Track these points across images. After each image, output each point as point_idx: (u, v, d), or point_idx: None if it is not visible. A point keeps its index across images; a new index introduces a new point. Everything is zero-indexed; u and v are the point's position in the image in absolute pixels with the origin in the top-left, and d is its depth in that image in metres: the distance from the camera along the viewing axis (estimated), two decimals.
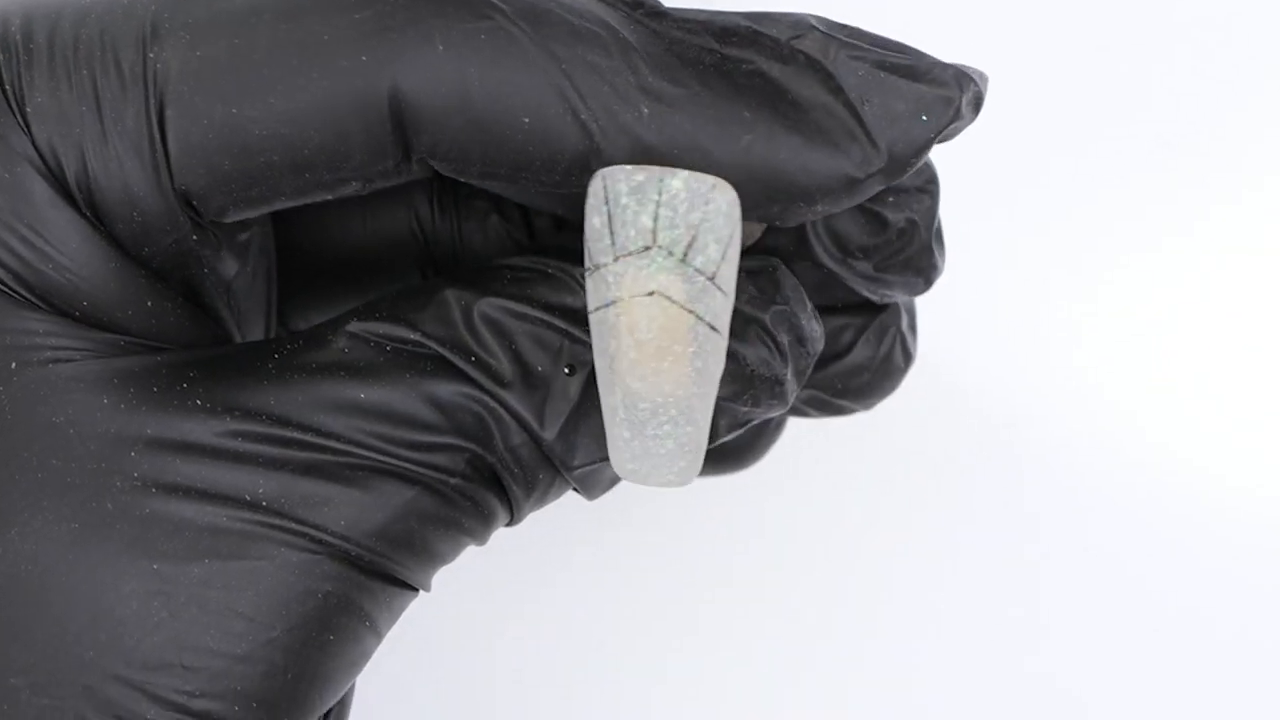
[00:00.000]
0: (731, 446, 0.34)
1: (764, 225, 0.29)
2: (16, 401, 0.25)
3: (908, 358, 0.32)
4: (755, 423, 0.28)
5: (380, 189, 0.26)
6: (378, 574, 0.26)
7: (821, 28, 0.26)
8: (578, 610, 0.43)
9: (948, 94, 0.26)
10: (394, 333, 0.26)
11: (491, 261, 0.28)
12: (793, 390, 0.27)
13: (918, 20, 0.36)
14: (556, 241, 0.27)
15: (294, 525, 0.25)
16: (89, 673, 0.25)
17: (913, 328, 0.32)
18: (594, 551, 0.42)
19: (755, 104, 0.25)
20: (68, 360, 0.25)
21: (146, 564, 0.25)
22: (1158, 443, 0.44)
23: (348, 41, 0.25)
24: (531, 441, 0.26)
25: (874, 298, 0.31)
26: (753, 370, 0.27)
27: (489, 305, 0.26)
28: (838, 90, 0.25)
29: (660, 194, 0.24)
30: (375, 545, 0.26)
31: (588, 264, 0.25)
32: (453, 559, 0.27)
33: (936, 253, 0.30)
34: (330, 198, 0.26)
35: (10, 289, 0.25)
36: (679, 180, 0.24)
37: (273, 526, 0.25)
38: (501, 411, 0.26)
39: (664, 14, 0.26)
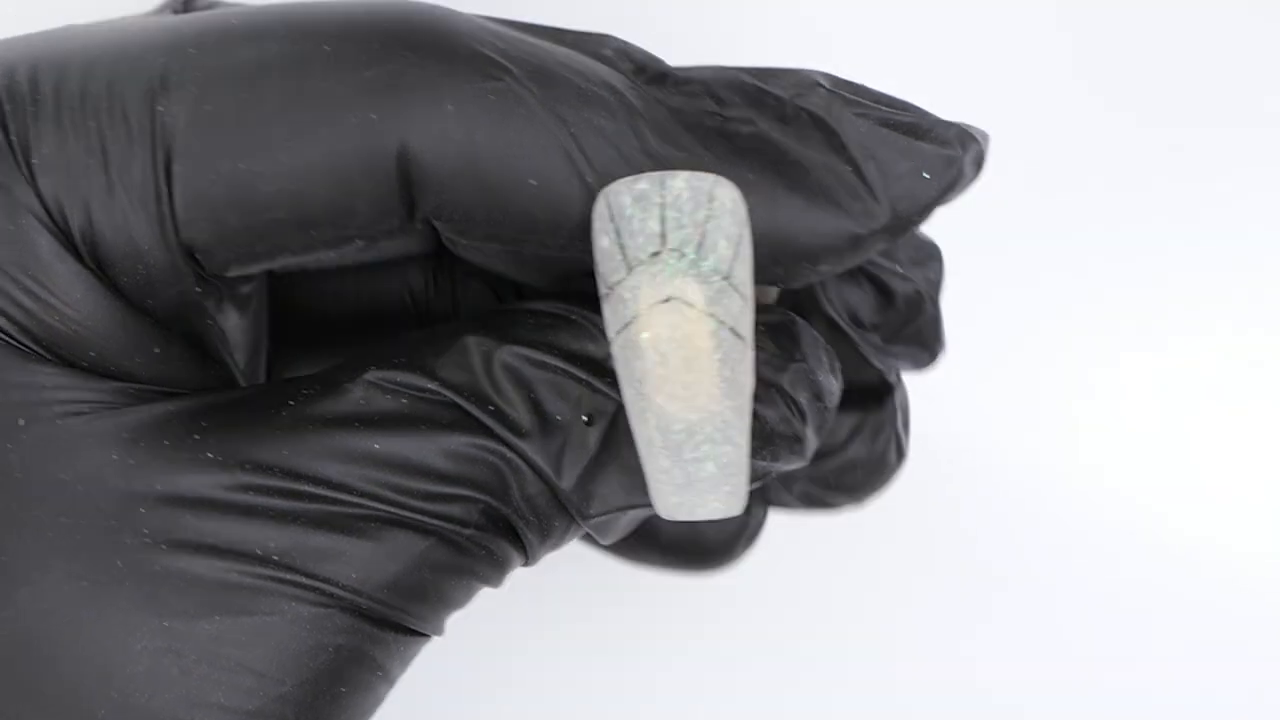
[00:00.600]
0: (707, 545, 0.34)
1: (776, 289, 0.29)
2: (26, 459, 0.25)
3: (900, 455, 0.32)
4: (751, 522, 0.28)
5: (379, 255, 0.26)
6: (390, 625, 0.26)
7: (826, 84, 0.26)
8: (577, 609, 0.43)
9: (950, 153, 0.26)
10: (412, 381, 0.26)
11: (515, 305, 0.28)
12: (811, 445, 0.27)
13: (918, 75, 0.36)
14: (578, 288, 0.27)
15: (304, 580, 0.25)
16: None
17: (906, 426, 0.32)
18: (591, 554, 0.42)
19: (758, 166, 0.25)
20: (77, 414, 0.25)
21: (157, 622, 0.25)
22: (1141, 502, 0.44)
23: (357, 99, 0.25)
24: (548, 490, 0.26)
25: (882, 368, 0.31)
26: (773, 429, 0.27)
27: (509, 354, 0.26)
28: (841, 148, 0.25)
29: (664, 196, 0.24)
30: (387, 597, 0.26)
31: (603, 290, 0.25)
32: (466, 604, 0.27)
33: (940, 328, 0.30)
34: (333, 255, 0.26)
35: (16, 341, 0.25)
36: (680, 180, 0.24)
37: (283, 581, 0.25)
38: (519, 461, 0.26)
39: (667, 77, 0.26)
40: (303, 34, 0.25)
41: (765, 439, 0.27)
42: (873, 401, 0.32)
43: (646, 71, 0.26)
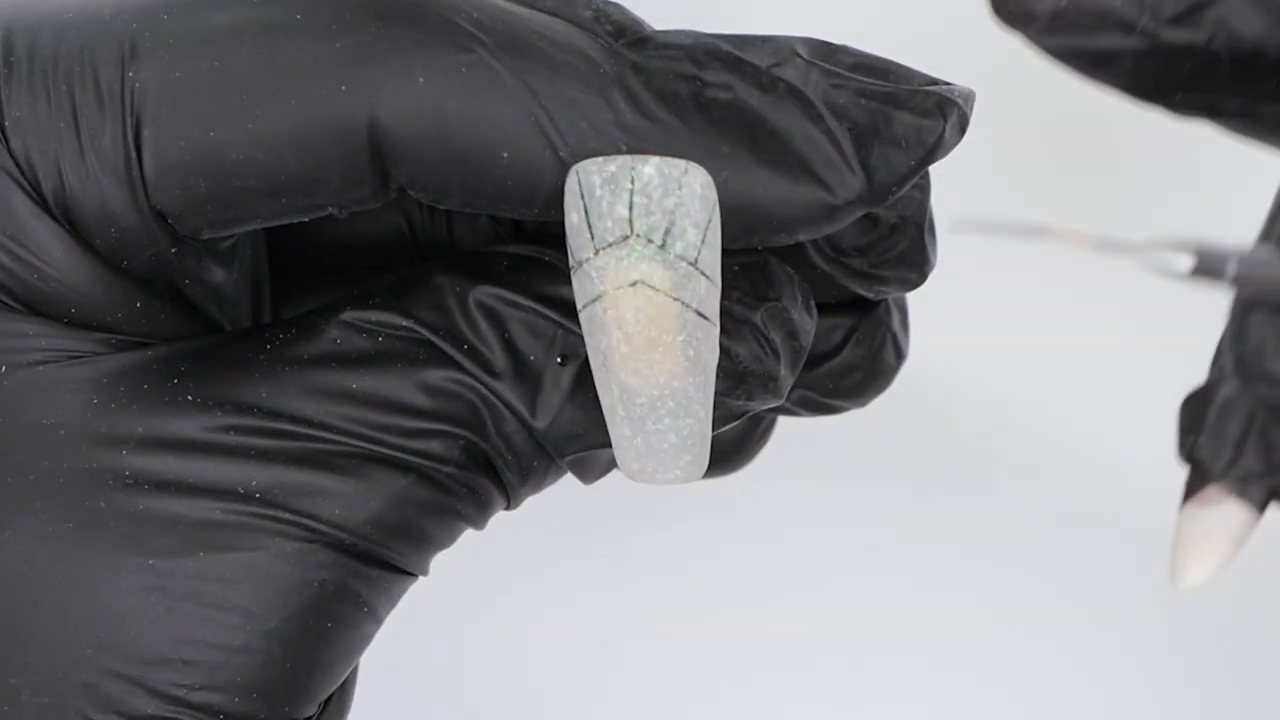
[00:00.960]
0: (720, 450, 0.34)
1: None
2: (6, 404, 0.25)
3: (899, 356, 0.32)
4: (749, 415, 0.28)
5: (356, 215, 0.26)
6: (374, 561, 0.26)
7: (804, 53, 0.26)
8: (576, 608, 0.43)
9: (930, 123, 0.26)
10: (386, 320, 0.26)
11: (489, 248, 0.28)
12: (786, 383, 0.27)
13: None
14: (556, 229, 0.27)
15: (288, 515, 0.25)
16: (88, 670, 0.25)
17: (904, 325, 0.32)
18: (591, 548, 0.42)
19: (733, 138, 0.25)
20: (57, 361, 0.26)
21: (141, 560, 0.25)
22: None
23: (328, 70, 0.25)
24: (524, 430, 0.27)
25: (869, 294, 0.31)
26: (745, 367, 0.27)
27: (484, 293, 0.26)
28: (817, 118, 0.25)
29: (633, 182, 0.24)
30: (370, 533, 0.26)
31: (571, 262, 0.25)
32: (450, 544, 0.27)
33: (929, 246, 0.30)
34: (306, 220, 0.26)
35: None
36: (651, 167, 0.24)
37: (266, 517, 0.25)
38: (494, 400, 0.26)
39: (646, 41, 0.26)
40: (275, 2, 0.25)
41: (738, 378, 0.27)
42: (867, 303, 0.31)
43: (626, 34, 0.26)
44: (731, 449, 0.34)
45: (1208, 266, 0.25)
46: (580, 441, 0.27)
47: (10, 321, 0.25)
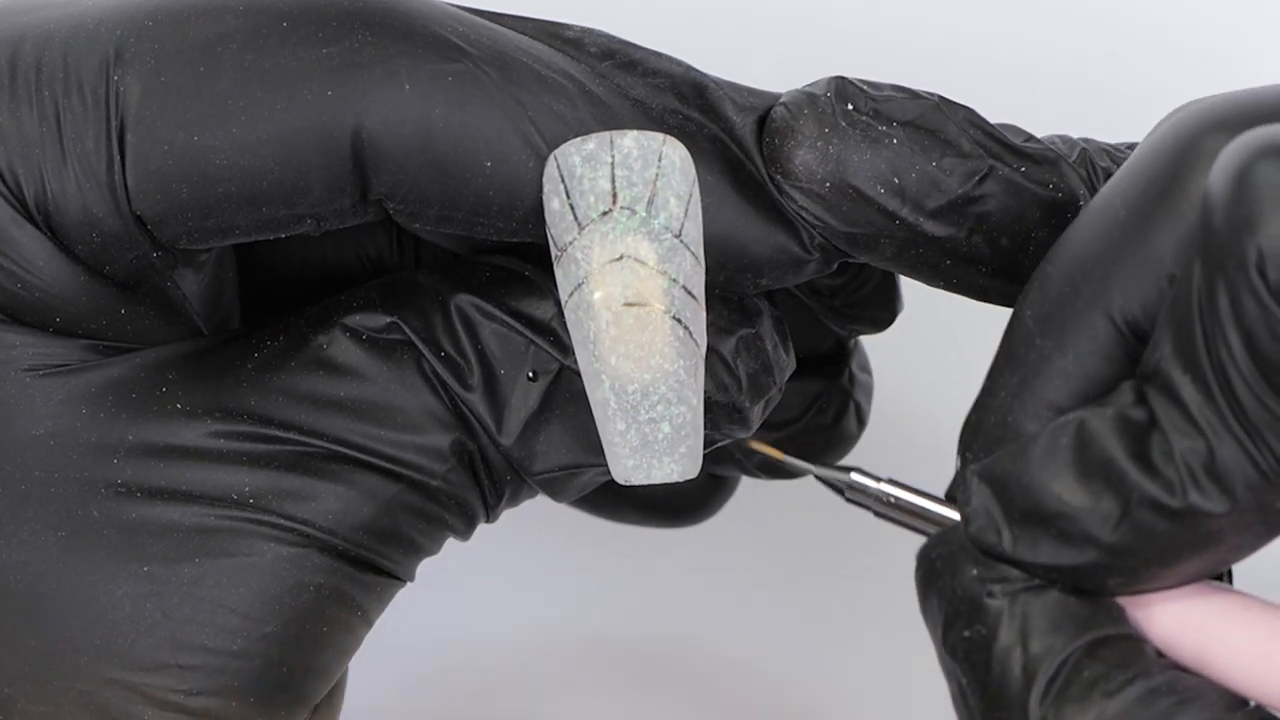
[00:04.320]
0: (685, 503, 0.35)
1: None
2: None
3: (861, 423, 0.33)
4: (715, 447, 0.28)
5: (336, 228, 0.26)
6: (367, 566, 0.26)
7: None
8: (576, 607, 0.43)
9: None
10: (369, 322, 0.26)
11: (472, 258, 0.28)
12: (756, 416, 0.27)
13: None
14: (539, 246, 0.28)
15: (281, 521, 0.25)
16: (85, 678, 0.25)
17: (867, 395, 0.33)
18: (590, 548, 0.42)
19: (715, 168, 0.25)
20: (45, 372, 0.25)
21: (137, 567, 0.25)
22: None
23: (314, 76, 0.25)
24: (493, 445, 0.27)
25: (842, 333, 0.31)
26: (709, 397, 0.27)
27: (463, 300, 0.26)
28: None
29: (613, 155, 0.24)
30: (362, 539, 0.26)
31: (554, 253, 0.25)
32: (436, 551, 0.27)
33: (898, 287, 0.30)
34: (284, 236, 0.26)
35: None
36: (629, 139, 0.24)
37: (260, 523, 0.25)
38: (467, 412, 0.26)
39: (634, 66, 0.26)
40: (261, 9, 0.25)
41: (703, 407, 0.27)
42: (831, 370, 0.32)
43: (614, 58, 0.26)
44: (695, 504, 0.35)
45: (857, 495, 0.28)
46: (546, 460, 0.27)
47: (1, 334, 0.25)
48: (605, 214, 0.24)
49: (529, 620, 0.42)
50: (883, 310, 0.30)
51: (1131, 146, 0.27)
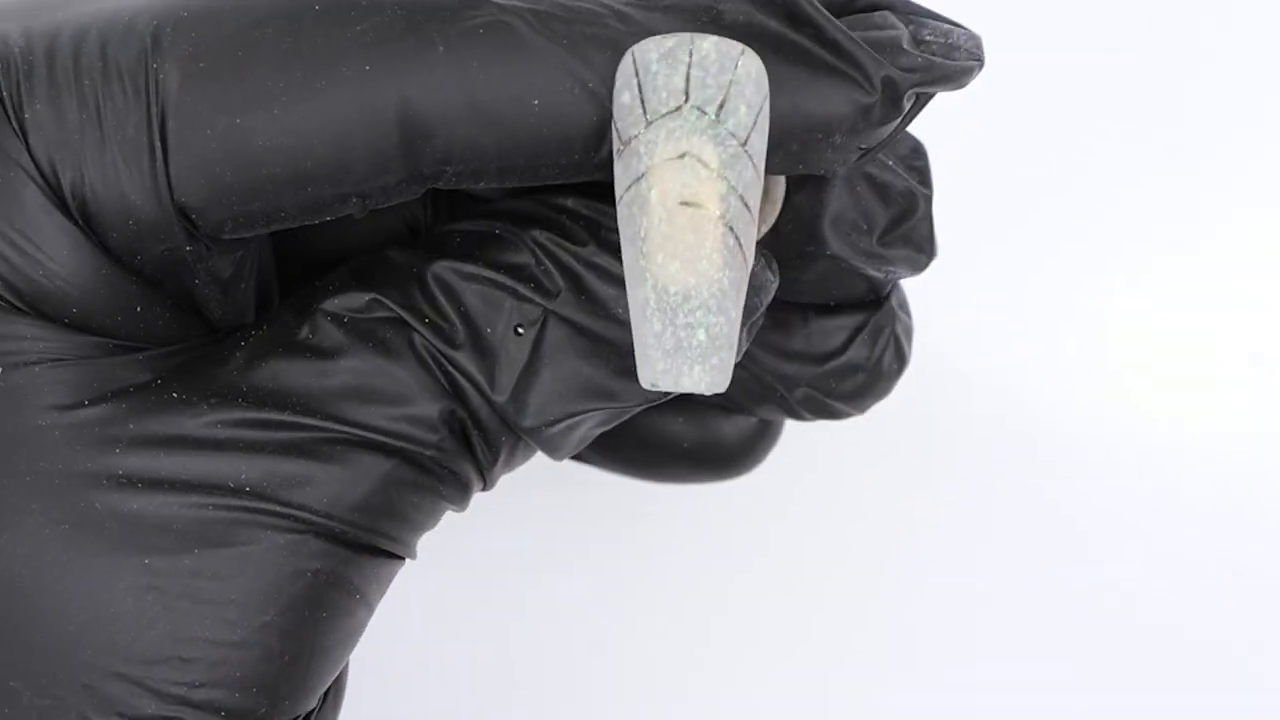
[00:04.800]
0: (728, 452, 0.35)
1: (783, 188, 0.29)
2: (2, 406, 0.25)
3: (901, 361, 0.33)
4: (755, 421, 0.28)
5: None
6: (364, 547, 0.26)
7: None
8: (578, 609, 0.43)
9: (959, 34, 0.27)
10: (350, 303, 0.27)
11: (441, 227, 0.28)
12: (744, 338, 0.27)
13: None
14: (507, 207, 0.28)
15: (278, 508, 0.26)
16: (88, 672, 0.25)
17: (908, 333, 0.33)
18: (589, 547, 0.42)
19: (759, 47, 0.25)
20: (52, 364, 0.25)
21: (138, 560, 0.25)
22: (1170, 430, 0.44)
23: (350, 53, 0.25)
24: (487, 404, 0.27)
25: (878, 275, 0.31)
26: None
27: (440, 267, 0.27)
28: (840, 31, 0.26)
29: (691, 55, 0.24)
30: (359, 519, 0.26)
31: (617, 145, 0.25)
32: (434, 525, 0.28)
33: (933, 226, 0.31)
34: (330, 218, 0.26)
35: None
36: (709, 43, 0.24)
37: (258, 511, 0.25)
38: (457, 374, 0.27)
39: None
40: None
41: None
42: (870, 305, 0.32)
43: None
44: (740, 451, 0.35)
45: None
46: (541, 414, 0.27)
47: (8, 323, 0.25)
48: (675, 110, 0.24)
49: (528, 620, 0.42)
50: (919, 253, 0.30)
51: None
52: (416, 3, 0.25)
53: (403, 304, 0.27)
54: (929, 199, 0.30)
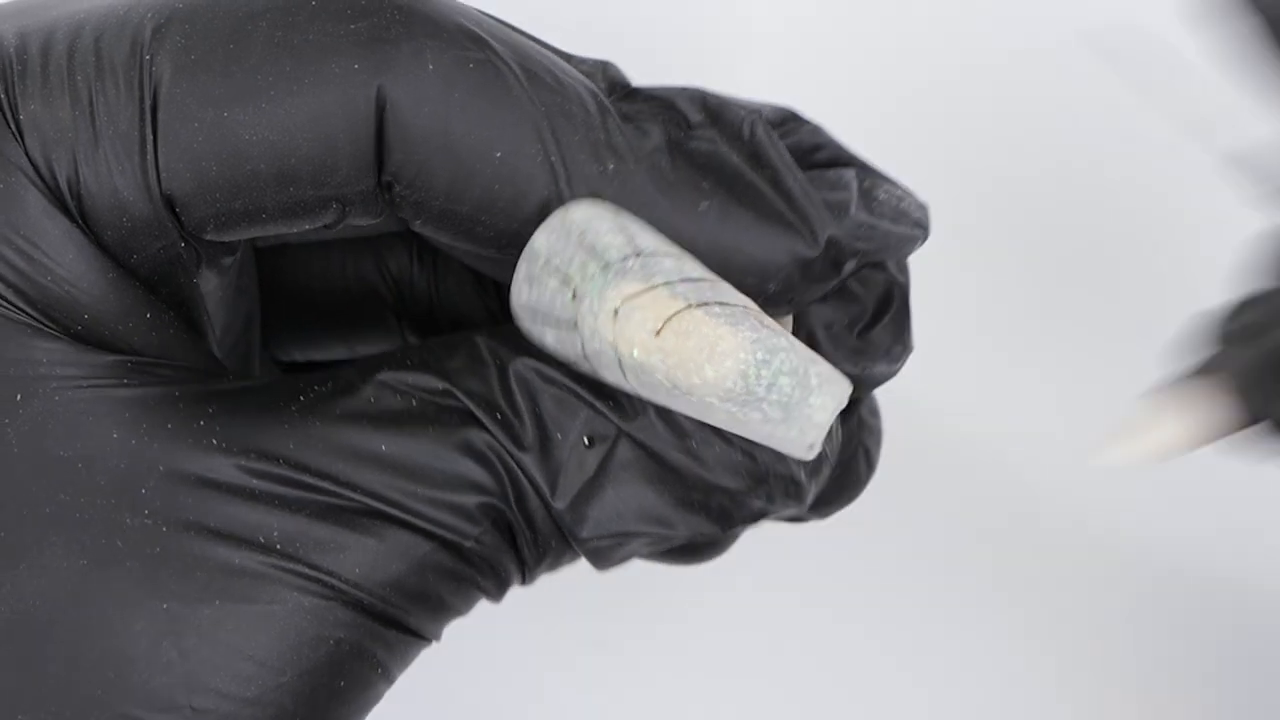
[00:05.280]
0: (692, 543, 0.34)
1: (790, 317, 0.29)
2: (23, 435, 0.25)
3: (870, 468, 0.32)
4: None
5: (352, 230, 0.26)
6: (391, 623, 0.26)
7: (773, 119, 0.27)
8: (574, 606, 0.43)
9: (909, 202, 0.27)
10: (423, 383, 0.26)
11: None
12: (809, 489, 0.27)
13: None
14: None
15: (307, 570, 0.25)
16: (97, 711, 0.25)
17: (876, 440, 0.32)
18: None
19: (714, 179, 0.26)
20: (75, 389, 0.25)
21: (157, 603, 0.25)
22: None
23: (342, 49, 0.25)
24: (544, 508, 0.26)
25: (856, 372, 0.30)
26: (768, 468, 0.27)
27: (523, 364, 0.26)
28: (794, 177, 0.26)
29: (545, 260, 0.25)
30: (389, 596, 0.26)
31: (576, 360, 0.25)
32: (466, 613, 0.27)
33: (908, 321, 0.30)
34: (309, 226, 0.26)
35: (10, 305, 0.25)
36: (540, 238, 0.25)
37: (286, 570, 0.25)
38: (519, 473, 0.26)
39: (635, 94, 0.27)
40: None
41: (759, 478, 0.27)
42: (840, 415, 0.31)
43: (616, 90, 0.27)
44: (705, 542, 0.34)
45: None
46: (597, 526, 0.27)
47: (24, 347, 0.25)
48: (574, 299, 0.25)
49: (527, 619, 0.42)
50: (896, 343, 0.30)
51: None
52: (417, 13, 0.25)
53: (478, 394, 0.26)
54: (906, 296, 0.30)
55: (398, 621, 0.26)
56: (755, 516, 0.27)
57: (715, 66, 0.36)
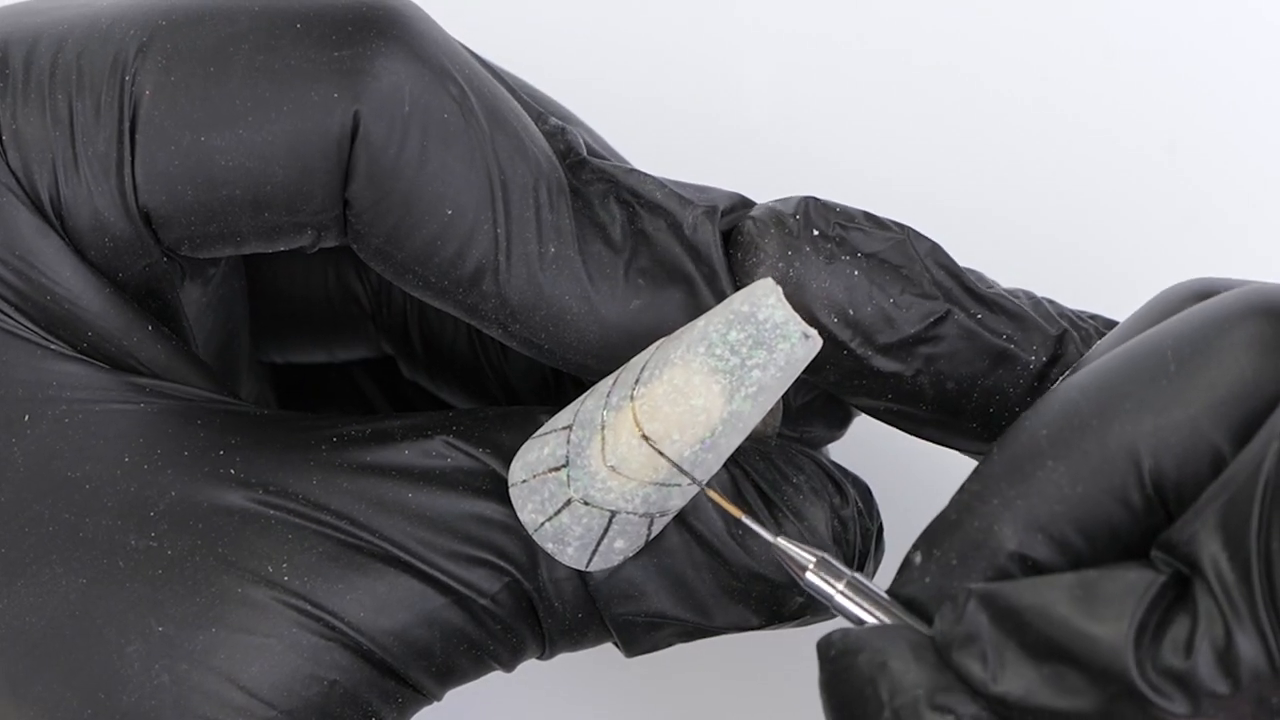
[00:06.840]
0: None
1: (779, 411, 0.29)
2: (29, 455, 0.25)
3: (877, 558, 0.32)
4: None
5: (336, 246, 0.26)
6: (391, 673, 0.26)
7: (720, 210, 0.27)
8: None
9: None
10: (466, 449, 0.26)
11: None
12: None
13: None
14: None
15: (310, 607, 0.25)
16: None
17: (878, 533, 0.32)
18: None
19: (650, 272, 0.26)
20: (85, 411, 0.25)
21: (152, 626, 0.25)
22: None
23: (323, 77, 0.25)
24: (577, 577, 0.26)
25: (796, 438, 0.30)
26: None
27: None
28: (715, 281, 0.26)
29: (525, 487, 0.26)
30: (392, 645, 0.25)
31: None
32: (473, 679, 0.27)
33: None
34: (285, 248, 0.26)
35: (17, 323, 0.25)
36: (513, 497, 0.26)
37: (289, 605, 0.25)
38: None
39: (583, 165, 0.26)
40: (276, 10, 0.25)
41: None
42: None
43: (569, 156, 0.27)
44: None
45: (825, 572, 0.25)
46: (633, 604, 0.26)
47: (36, 368, 0.25)
48: (559, 468, 0.25)
49: None
50: (835, 414, 0.30)
51: (1109, 323, 0.27)
52: (403, 48, 0.25)
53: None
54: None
55: (397, 673, 0.26)
56: (793, 616, 0.27)
57: (715, 66, 0.35)
